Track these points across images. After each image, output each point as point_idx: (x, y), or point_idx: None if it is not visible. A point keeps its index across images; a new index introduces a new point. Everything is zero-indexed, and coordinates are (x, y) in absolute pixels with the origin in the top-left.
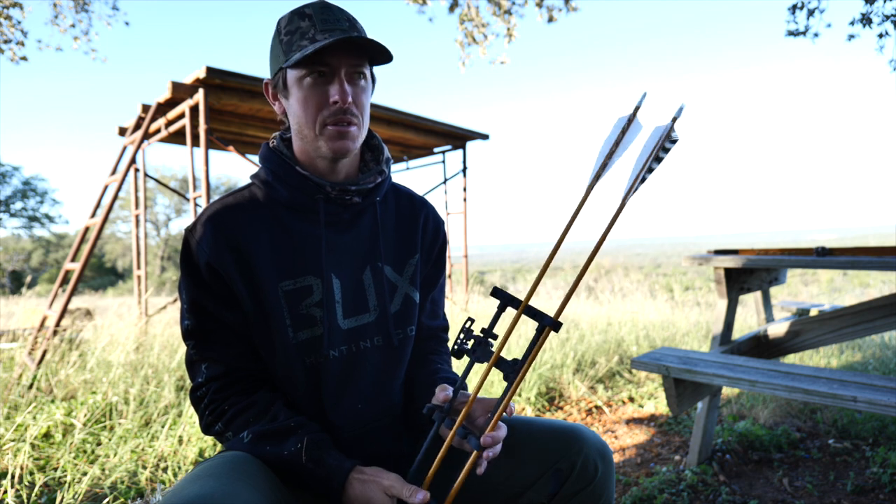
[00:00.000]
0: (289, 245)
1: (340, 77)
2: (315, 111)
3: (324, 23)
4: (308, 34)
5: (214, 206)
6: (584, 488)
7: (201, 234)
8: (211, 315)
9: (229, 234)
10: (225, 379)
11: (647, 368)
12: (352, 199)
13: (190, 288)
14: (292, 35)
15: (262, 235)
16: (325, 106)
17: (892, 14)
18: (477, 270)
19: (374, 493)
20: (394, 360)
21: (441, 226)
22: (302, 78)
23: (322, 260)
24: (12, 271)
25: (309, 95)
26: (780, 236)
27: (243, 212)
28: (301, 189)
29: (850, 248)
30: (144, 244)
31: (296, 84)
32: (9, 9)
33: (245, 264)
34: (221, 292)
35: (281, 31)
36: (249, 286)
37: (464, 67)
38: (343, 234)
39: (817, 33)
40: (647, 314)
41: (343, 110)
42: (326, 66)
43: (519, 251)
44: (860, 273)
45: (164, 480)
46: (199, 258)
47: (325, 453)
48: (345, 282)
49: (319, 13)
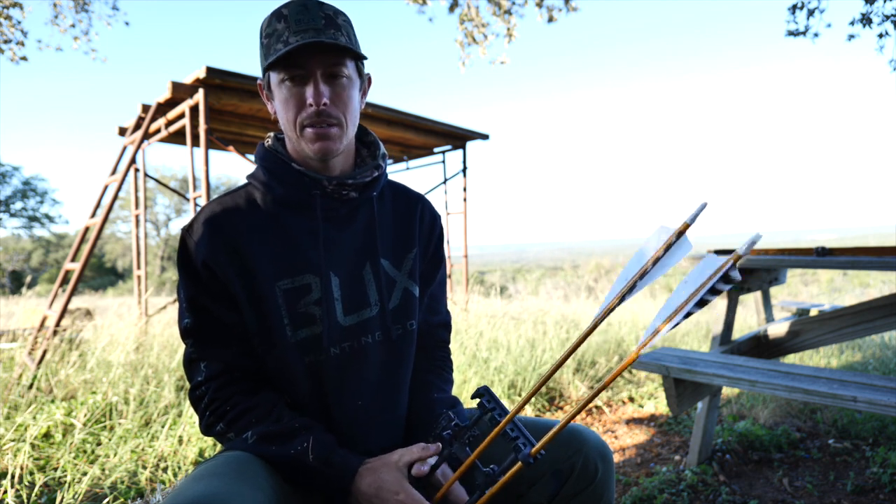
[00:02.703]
0: (286, 243)
1: (316, 78)
2: (294, 113)
3: (298, 23)
4: (283, 37)
5: (211, 205)
6: (585, 488)
7: (198, 233)
8: (209, 314)
9: (226, 234)
10: (225, 378)
11: (647, 368)
12: (348, 194)
13: (188, 287)
14: (270, 38)
15: (258, 234)
16: (302, 108)
17: (892, 14)
18: (477, 270)
19: (384, 474)
20: (394, 356)
21: (437, 219)
22: (281, 81)
23: (321, 257)
24: (12, 271)
25: (287, 98)
26: (780, 236)
27: (240, 211)
28: (297, 185)
29: (850, 248)
30: (144, 244)
31: (277, 86)
32: (9, 9)
33: (242, 264)
34: (219, 291)
35: (262, 32)
36: (246, 285)
37: (464, 67)
38: (341, 230)
39: (817, 33)
40: (647, 314)
41: (318, 112)
42: (301, 68)
43: (519, 251)
44: (860, 273)
45: (164, 480)
46: (196, 257)
47: (332, 452)
48: (344, 278)
49: (295, 13)
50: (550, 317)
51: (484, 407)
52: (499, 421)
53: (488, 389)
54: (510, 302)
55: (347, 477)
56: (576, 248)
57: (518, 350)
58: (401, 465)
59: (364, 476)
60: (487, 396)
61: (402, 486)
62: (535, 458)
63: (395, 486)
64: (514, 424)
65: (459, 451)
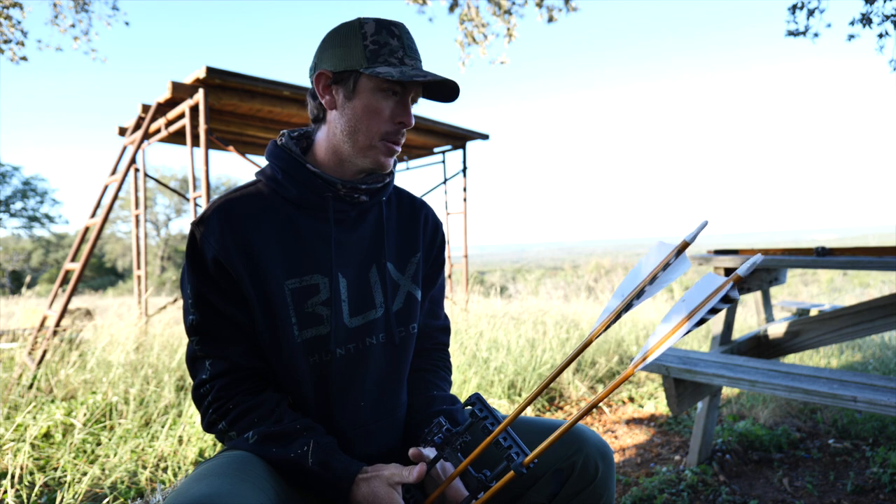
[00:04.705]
0: (296, 243)
1: (408, 101)
2: (379, 123)
3: (409, 49)
4: (397, 54)
5: (221, 200)
6: (585, 488)
7: (209, 228)
8: (217, 310)
9: (237, 230)
10: (229, 376)
11: (647, 368)
12: (360, 198)
13: (195, 283)
14: (381, 47)
15: (269, 232)
16: (388, 122)
17: (892, 14)
18: (477, 270)
19: (378, 487)
20: (396, 358)
21: (440, 226)
22: (378, 89)
23: (332, 259)
24: (12, 271)
25: (381, 107)
26: (780, 236)
27: (251, 208)
28: (311, 187)
29: (850, 248)
30: (144, 244)
31: (369, 91)
32: (9, 9)
33: (252, 261)
34: (228, 288)
35: (367, 36)
36: (256, 283)
37: (464, 67)
38: (349, 232)
39: (817, 33)
40: (647, 314)
41: (401, 132)
42: (402, 87)
43: (519, 251)
44: (860, 273)
45: (164, 480)
46: (207, 253)
47: (332, 457)
48: (351, 280)
49: (406, 38)
50: (550, 317)
51: (476, 416)
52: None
53: (480, 398)
54: (510, 302)
55: (345, 483)
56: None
57: (518, 350)
58: (392, 482)
59: (360, 485)
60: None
61: (393, 501)
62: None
63: (388, 501)
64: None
65: (451, 457)
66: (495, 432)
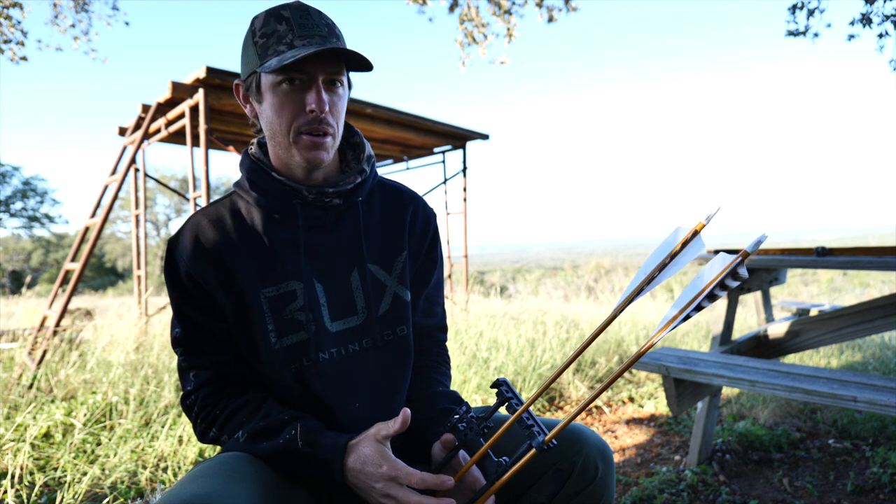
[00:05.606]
0: (269, 251)
1: (318, 85)
2: (290, 118)
3: (302, 28)
4: (285, 39)
5: (195, 217)
6: (585, 488)
7: (181, 244)
8: (196, 323)
9: (209, 244)
10: (213, 385)
11: (647, 368)
12: (332, 201)
13: (174, 297)
14: (268, 38)
15: (242, 243)
16: (300, 114)
17: (892, 14)
18: (477, 270)
19: (365, 447)
20: (387, 362)
21: (431, 219)
22: (277, 84)
23: (302, 265)
24: (12, 271)
25: (284, 102)
26: (780, 236)
27: (224, 221)
28: (278, 195)
29: (850, 248)
30: (144, 244)
31: (270, 89)
32: (9, 9)
33: (225, 272)
34: (203, 301)
35: (256, 31)
36: (230, 294)
37: (464, 67)
38: (326, 236)
39: (817, 33)
40: (646, 314)
41: (318, 119)
42: (304, 73)
43: (519, 251)
44: (860, 273)
45: (164, 480)
46: (181, 267)
47: (320, 436)
48: (330, 285)
49: (297, 17)
50: (550, 317)
51: (502, 395)
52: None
53: (506, 381)
54: (510, 302)
55: (338, 455)
56: (576, 248)
57: (518, 350)
58: (380, 437)
59: (349, 453)
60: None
61: (384, 457)
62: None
63: (378, 458)
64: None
65: (474, 442)
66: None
